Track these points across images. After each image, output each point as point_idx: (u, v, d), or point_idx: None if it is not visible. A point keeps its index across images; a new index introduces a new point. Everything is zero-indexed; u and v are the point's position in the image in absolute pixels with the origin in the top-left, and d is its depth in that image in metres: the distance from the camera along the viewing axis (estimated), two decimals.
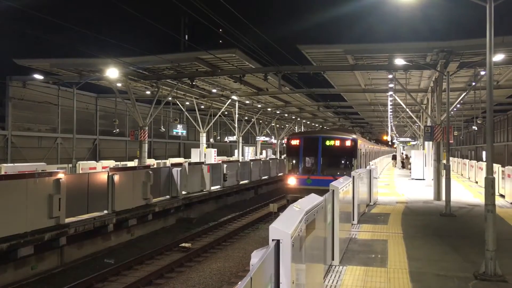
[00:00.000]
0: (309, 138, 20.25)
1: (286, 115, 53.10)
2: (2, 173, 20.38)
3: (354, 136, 20.23)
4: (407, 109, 30.74)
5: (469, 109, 38.53)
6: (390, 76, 22.87)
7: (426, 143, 27.11)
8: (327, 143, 19.24)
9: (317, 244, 6.01)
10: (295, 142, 19.94)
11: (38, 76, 26.33)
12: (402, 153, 48.65)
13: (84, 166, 27.28)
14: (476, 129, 46.05)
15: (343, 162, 19.61)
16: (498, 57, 17.38)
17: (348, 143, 19.28)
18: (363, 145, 23.54)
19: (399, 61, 19.38)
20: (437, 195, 18.22)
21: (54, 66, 25.00)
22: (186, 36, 50.99)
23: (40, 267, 12.36)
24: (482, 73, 21.36)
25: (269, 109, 46.43)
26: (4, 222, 10.94)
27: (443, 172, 16.72)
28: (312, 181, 18.57)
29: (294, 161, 19.97)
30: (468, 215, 14.45)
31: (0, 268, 11.14)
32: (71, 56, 25.40)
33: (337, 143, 19.25)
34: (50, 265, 12.74)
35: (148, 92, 32.03)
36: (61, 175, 12.92)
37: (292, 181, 19.33)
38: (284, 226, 3.96)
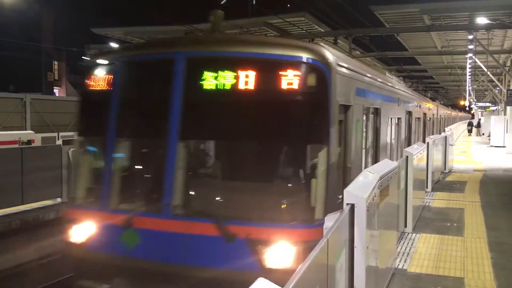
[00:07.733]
0: (143, 63, 5.59)
1: None
2: None
3: (322, 52, 5.11)
4: (488, 72, 28.84)
5: None
6: (470, 37, 21.41)
7: (508, 108, 25.47)
8: (210, 80, 4.93)
9: (390, 210, 5.91)
10: (99, 85, 5.61)
11: (113, 45, 27.39)
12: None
13: None
14: None
15: (281, 159, 5.30)
16: None
17: (297, 76, 4.72)
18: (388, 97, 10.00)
19: (481, 20, 18.08)
20: None
21: (128, 34, 25.85)
22: (254, 0, 50.52)
23: None
24: None
25: None
26: None
27: None
28: (145, 240, 4.93)
29: (91, 159, 5.92)
30: None
31: None
32: (143, 24, 26.13)
33: (252, 76, 4.77)
34: None
35: None
36: None
37: (79, 233, 5.32)
38: (359, 191, 3.91)
